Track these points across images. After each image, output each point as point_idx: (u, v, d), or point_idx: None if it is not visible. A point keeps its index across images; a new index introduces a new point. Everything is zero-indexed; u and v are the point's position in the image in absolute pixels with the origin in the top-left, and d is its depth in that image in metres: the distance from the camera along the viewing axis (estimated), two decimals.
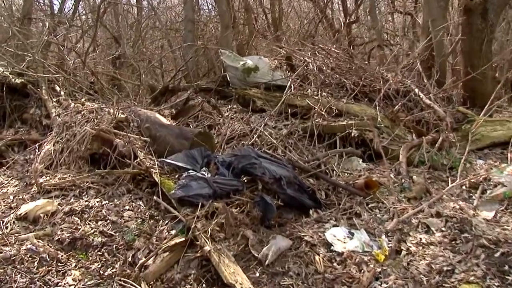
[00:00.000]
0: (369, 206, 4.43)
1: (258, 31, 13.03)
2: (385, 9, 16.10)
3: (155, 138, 5.20)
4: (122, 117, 5.76)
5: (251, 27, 12.51)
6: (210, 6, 16.19)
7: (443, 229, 3.85)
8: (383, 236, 3.79)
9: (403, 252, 3.58)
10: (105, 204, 4.56)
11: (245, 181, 4.42)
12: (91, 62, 11.75)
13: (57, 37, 10.91)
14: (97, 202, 4.60)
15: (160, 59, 14.73)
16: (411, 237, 3.80)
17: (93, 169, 5.35)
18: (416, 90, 6.62)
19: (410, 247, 3.65)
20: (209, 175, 4.23)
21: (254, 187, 4.35)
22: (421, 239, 3.73)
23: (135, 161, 4.95)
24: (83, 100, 7.28)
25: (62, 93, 7.56)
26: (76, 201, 4.62)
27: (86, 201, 4.63)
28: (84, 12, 15.62)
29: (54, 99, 6.95)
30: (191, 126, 5.91)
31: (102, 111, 6.22)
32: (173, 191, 4.06)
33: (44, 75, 7.26)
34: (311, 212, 4.33)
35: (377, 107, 5.94)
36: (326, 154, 5.24)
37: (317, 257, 3.55)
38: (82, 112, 6.21)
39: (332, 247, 3.69)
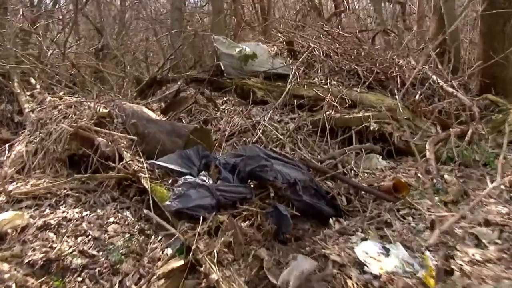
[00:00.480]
0: (400, 213, 3.73)
1: (245, 22, 12.40)
2: None
3: (143, 136, 4.46)
4: (104, 112, 5.01)
5: (238, 18, 11.81)
6: None
7: (498, 241, 3.17)
8: (427, 253, 3.10)
9: (456, 273, 2.89)
10: (86, 215, 3.85)
11: (253, 186, 3.72)
12: (72, 54, 11.11)
13: (35, 27, 10.11)
14: (77, 213, 3.89)
15: (145, 51, 14.06)
16: (460, 252, 3.10)
17: (72, 173, 4.66)
18: (434, 77, 5.93)
19: (462, 265, 2.95)
20: (211, 181, 3.49)
21: (263, 193, 3.63)
22: (473, 255, 3.04)
23: (121, 163, 4.22)
24: (61, 93, 6.52)
25: (38, 86, 6.78)
26: (52, 212, 3.90)
27: (63, 212, 3.91)
28: (65, 4, 14.85)
29: (28, 93, 6.16)
30: (184, 122, 5.16)
31: (81, 106, 5.46)
32: (167, 202, 3.32)
33: (17, 66, 6.46)
34: (331, 221, 3.63)
35: (397, 97, 5.22)
36: (343, 151, 4.55)
37: (349, 282, 2.85)
38: (59, 107, 5.45)
39: (365, 268, 2.99)
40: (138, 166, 4.10)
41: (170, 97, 6.23)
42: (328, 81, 5.58)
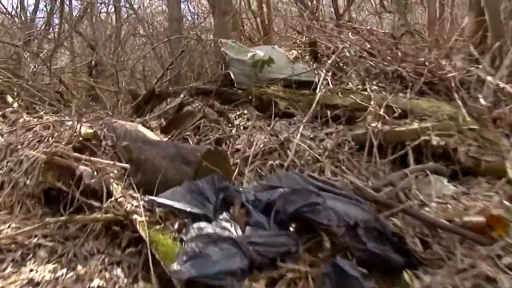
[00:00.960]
0: (504, 261, 2.63)
1: (246, 36, 11.56)
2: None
3: (139, 163, 3.38)
4: (89, 133, 3.95)
5: (238, 32, 10.89)
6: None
7: None
8: None
9: None
10: (62, 275, 2.79)
11: (293, 230, 2.62)
12: (63, 71, 10.22)
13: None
14: (49, 271, 2.86)
15: (143, 68, 13.15)
16: None
17: (49, 212, 3.64)
18: (490, 78, 4.87)
19: None
20: (237, 230, 2.38)
21: (312, 241, 2.53)
22: None
23: (109, 201, 3.15)
24: (42, 113, 5.48)
25: (15, 104, 5.74)
26: (16, 272, 2.86)
27: (31, 270, 2.87)
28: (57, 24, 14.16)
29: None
30: (191, 142, 4.07)
31: (62, 126, 4.40)
32: (175, 266, 2.19)
33: None
34: (406, 276, 2.52)
35: (459, 102, 4.14)
36: (403, 174, 3.46)
37: None
38: (35, 129, 4.39)
39: None
40: (132, 205, 3.02)
41: (171, 113, 5.16)
42: (368, 86, 4.51)
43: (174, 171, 3.14)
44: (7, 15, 12.72)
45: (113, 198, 3.16)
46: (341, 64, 5.09)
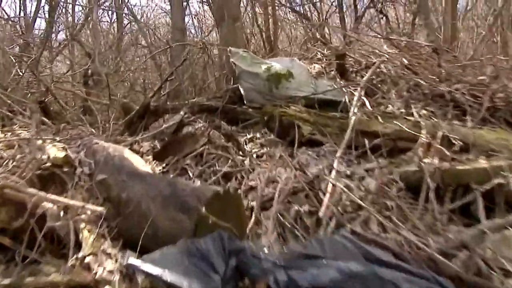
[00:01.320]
0: None
1: (252, 51, 10.85)
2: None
3: (120, 204, 2.47)
4: (59, 158, 3.03)
5: (243, 47, 10.16)
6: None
7: None
8: None
9: None
10: None
11: None
12: (53, 79, 9.37)
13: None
14: None
15: (144, 80, 12.33)
16: None
17: (2, 260, 2.74)
18: None
19: None
20: None
21: None
22: None
23: (74, 257, 2.26)
24: (16, 127, 4.62)
25: None
26: None
27: None
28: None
29: None
30: (191, 174, 3.14)
31: (30, 146, 3.49)
32: None
33: None
34: None
35: None
36: (478, 232, 2.55)
37: None
38: None
39: None
40: (104, 269, 2.12)
41: (169, 133, 4.25)
42: (414, 110, 3.62)
43: (167, 221, 2.23)
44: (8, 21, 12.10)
45: (80, 255, 2.26)
46: (376, 82, 4.21)
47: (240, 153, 3.47)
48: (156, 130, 4.25)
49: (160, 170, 3.21)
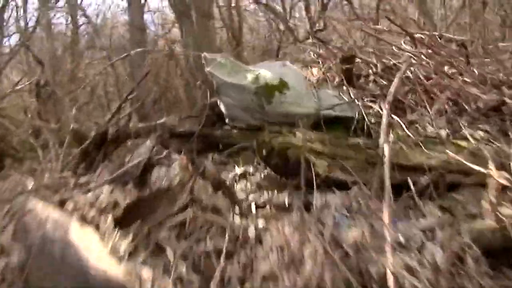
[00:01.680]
0: None
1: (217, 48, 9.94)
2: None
3: None
4: None
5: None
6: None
7: None
8: None
9: None
10: None
11: None
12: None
13: None
14: None
15: (105, 84, 11.13)
16: None
17: None
18: None
19: None
20: None
21: None
22: None
23: None
24: None
25: None
26: None
27: None
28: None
29: None
30: (170, 257, 2.09)
31: None
32: None
33: None
34: None
35: None
36: None
37: None
38: None
39: None
40: None
41: (135, 174, 3.19)
42: (466, 131, 2.67)
43: None
44: None
45: None
46: (403, 93, 3.24)
47: (242, 215, 2.43)
48: (116, 173, 3.16)
49: (124, 250, 2.18)
